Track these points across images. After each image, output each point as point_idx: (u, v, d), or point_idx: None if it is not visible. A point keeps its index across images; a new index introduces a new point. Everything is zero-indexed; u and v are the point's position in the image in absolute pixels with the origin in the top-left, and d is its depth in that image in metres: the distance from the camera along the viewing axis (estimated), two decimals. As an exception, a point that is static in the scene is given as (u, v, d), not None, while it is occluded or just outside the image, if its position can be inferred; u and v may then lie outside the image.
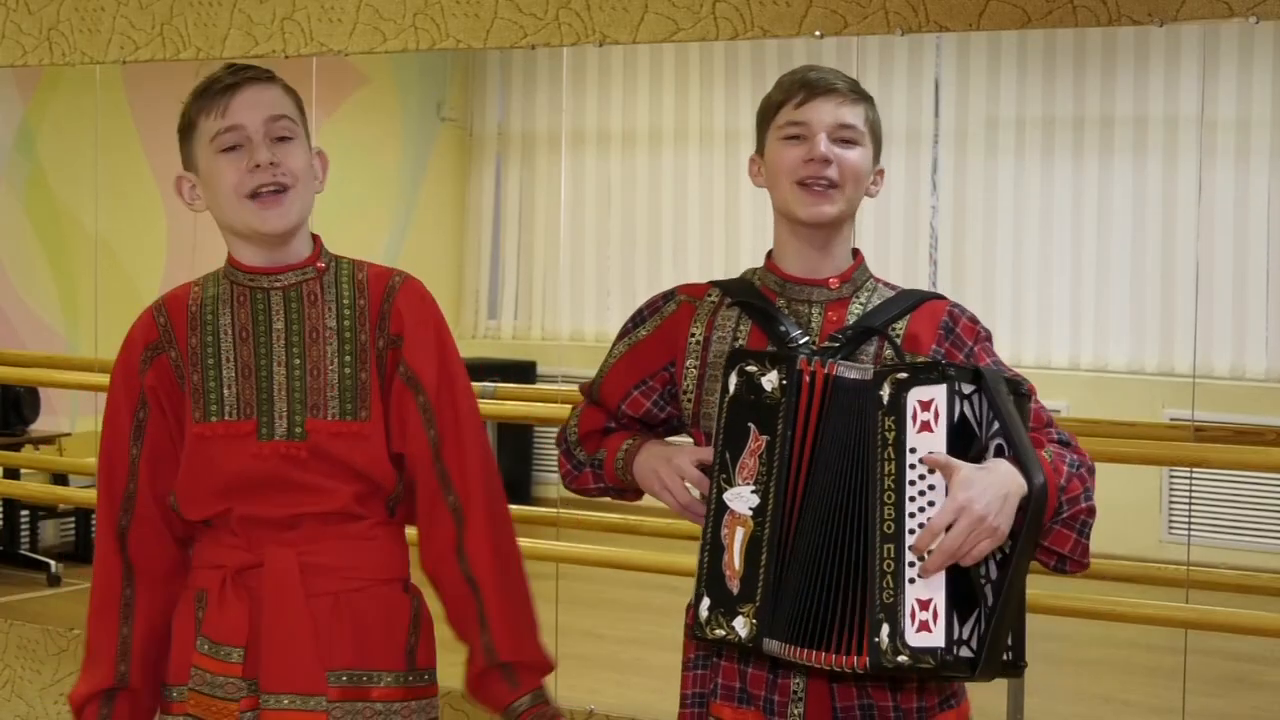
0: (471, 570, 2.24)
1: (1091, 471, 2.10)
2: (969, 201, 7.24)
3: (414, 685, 2.28)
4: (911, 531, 1.94)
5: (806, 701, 2.10)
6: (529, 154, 8.17)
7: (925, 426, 1.95)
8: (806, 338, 2.14)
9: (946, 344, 2.15)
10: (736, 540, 2.05)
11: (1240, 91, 6.64)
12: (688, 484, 2.17)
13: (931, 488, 1.94)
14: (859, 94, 2.20)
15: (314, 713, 2.19)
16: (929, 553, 1.92)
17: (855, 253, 2.25)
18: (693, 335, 2.24)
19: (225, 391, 2.23)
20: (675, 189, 7.86)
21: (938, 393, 1.95)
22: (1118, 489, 6.45)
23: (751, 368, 2.07)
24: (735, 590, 2.04)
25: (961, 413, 1.96)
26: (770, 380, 2.06)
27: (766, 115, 2.23)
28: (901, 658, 1.93)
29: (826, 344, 2.13)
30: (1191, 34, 6.27)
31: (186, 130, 2.27)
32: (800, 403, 2.04)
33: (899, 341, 2.14)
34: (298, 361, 2.23)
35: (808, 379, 2.04)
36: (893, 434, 1.96)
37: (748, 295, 2.22)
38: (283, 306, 2.26)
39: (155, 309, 2.31)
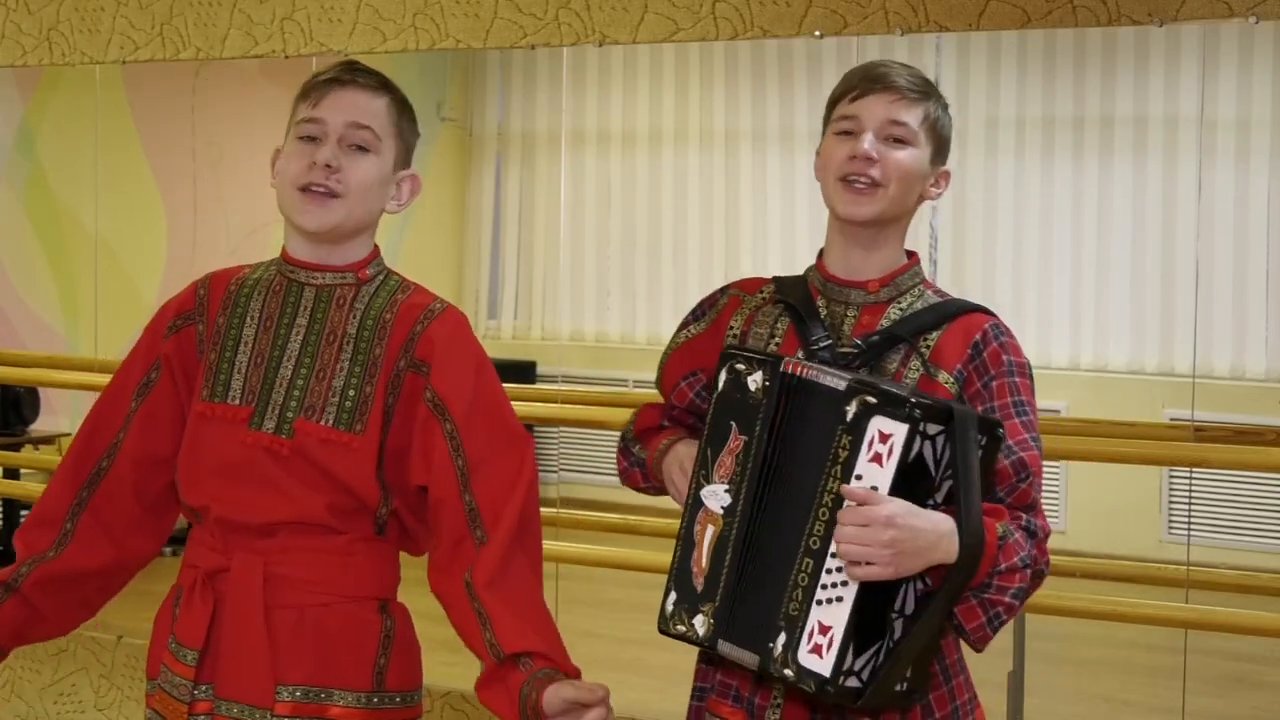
0: (475, 588, 2.14)
1: (1038, 577, 2.01)
2: (969, 201, 7.24)
3: (380, 707, 2.21)
4: (833, 555, 1.90)
5: (783, 709, 2.08)
6: (529, 154, 8.17)
7: (877, 458, 1.91)
8: (830, 340, 2.11)
9: (971, 366, 2.09)
10: (706, 538, 2.04)
11: (1240, 91, 6.64)
12: None
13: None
14: (921, 92, 2.13)
15: None
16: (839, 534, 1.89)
17: (910, 255, 2.20)
18: (731, 328, 2.22)
19: (235, 375, 2.23)
20: (675, 189, 7.86)
21: (899, 430, 1.89)
22: (1118, 489, 6.50)
23: (740, 366, 2.05)
24: (699, 588, 2.04)
25: (919, 453, 1.91)
26: (755, 381, 2.03)
27: (828, 108, 2.19)
28: (787, 671, 1.92)
29: (846, 349, 2.10)
30: (1191, 34, 6.27)
31: (292, 109, 2.28)
32: (778, 406, 2.01)
33: (926, 354, 2.09)
34: (307, 361, 2.22)
35: (789, 383, 2.01)
36: (845, 454, 1.92)
37: (792, 294, 2.19)
38: (311, 304, 2.25)
39: (201, 282, 2.32)
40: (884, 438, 1.90)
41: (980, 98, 7.14)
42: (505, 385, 2.28)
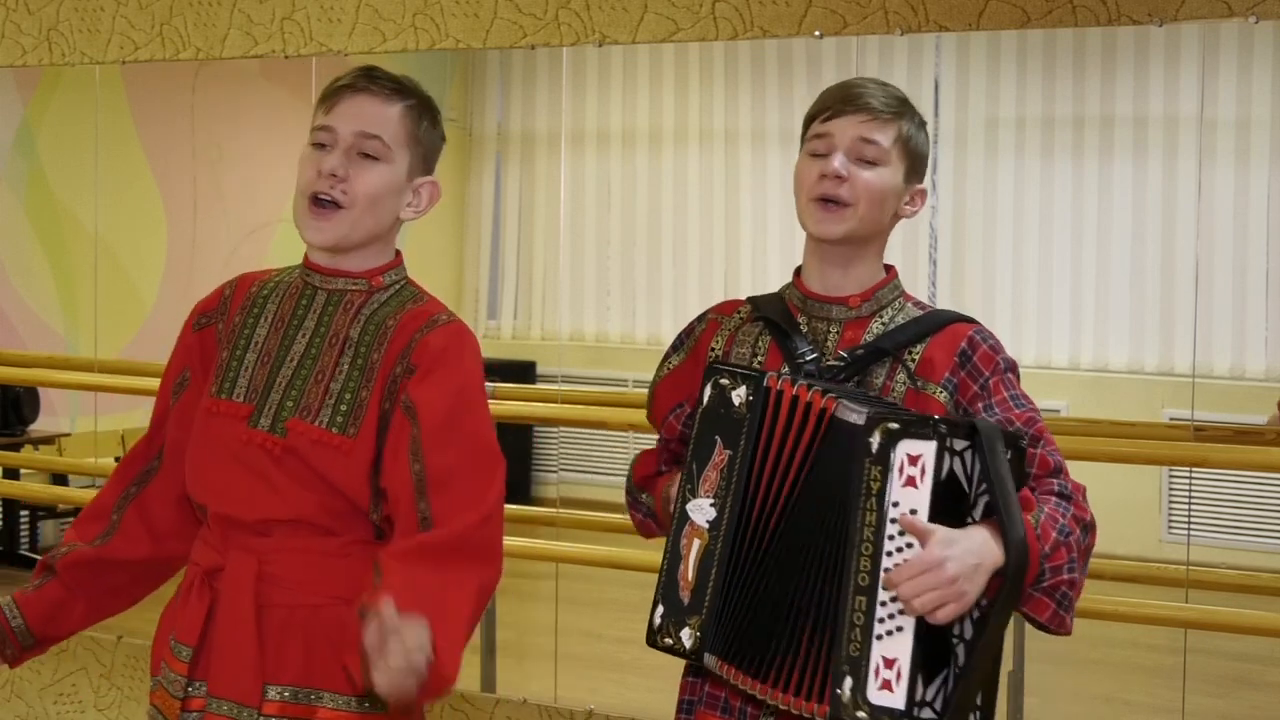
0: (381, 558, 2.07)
1: (1088, 529, 2.04)
2: (969, 201, 7.25)
3: (370, 711, 2.18)
4: (884, 587, 1.91)
5: (777, 715, 2.08)
6: (529, 154, 8.18)
7: (911, 481, 1.91)
8: (815, 355, 2.13)
9: (962, 373, 2.10)
10: (693, 551, 2.06)
11: (1240, 91, 6.64)
12: None
13: (910, 545, 1.91)
14: (894, 111, 2.14)
15: None
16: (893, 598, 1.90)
17: (888, 269, 2.21)
18: (712, 349, 2.23)
19: (242, 373, 2.25)
20: (675, 189, 7.87)
21: (927, 449, 1.90)
22: (1118, 489, 6.48)
23: (724, 381, 2.07)
24: (686, 601, 2.06)
25: (950, 469, 1.92)
26: (739, 395, 2.05)
27: (804, 126, 2.21)
28: (860, 713, 1.90)
29: (832, 363, 2.11)
30: (1191, 34, 6.27)
31: (313, 113, 2.29)
32: (764, 421, 2.02)
33: (913, 366, 2.10)
34: (309, 363, 2.24)
35: (773, 398, 2.02)
36: (877, 484, 1.92)
37: (771, 311, 2.20)
38: (320, 308, 2.27)
39: (229, 282, 2.35)
40: (913, 460, 1.91)
41: (980, 98, 7.14)
42: (505, 385, 2.29)
